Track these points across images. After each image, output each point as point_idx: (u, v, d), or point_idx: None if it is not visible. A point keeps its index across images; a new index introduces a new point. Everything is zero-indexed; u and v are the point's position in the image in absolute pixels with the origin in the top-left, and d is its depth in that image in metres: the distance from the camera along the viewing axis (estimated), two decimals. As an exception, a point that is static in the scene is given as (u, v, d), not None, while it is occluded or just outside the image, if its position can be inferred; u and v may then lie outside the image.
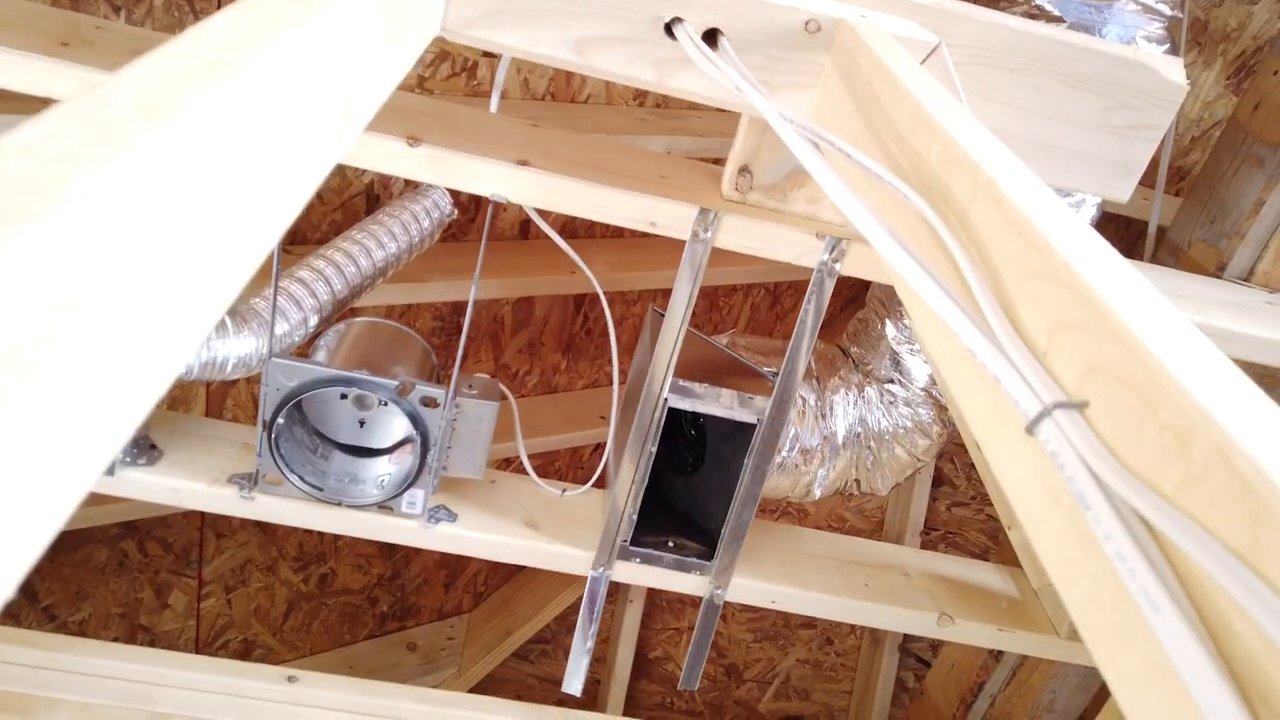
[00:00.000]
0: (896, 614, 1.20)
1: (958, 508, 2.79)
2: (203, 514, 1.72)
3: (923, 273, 0.41)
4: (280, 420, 1.04)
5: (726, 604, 1.21)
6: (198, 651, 1.91)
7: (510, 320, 1.89)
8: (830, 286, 0.97)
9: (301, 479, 1.08)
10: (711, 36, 0.77)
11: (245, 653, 1.98)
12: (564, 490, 1.25)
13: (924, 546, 2.46)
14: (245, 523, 1.80)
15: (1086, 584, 0.29)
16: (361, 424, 1.15)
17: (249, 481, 1.10)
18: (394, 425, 1.16)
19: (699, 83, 0.78)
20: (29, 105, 1.15)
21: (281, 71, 0.37)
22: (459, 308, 1.80)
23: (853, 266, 0.96)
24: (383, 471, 1.14)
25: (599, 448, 2.31)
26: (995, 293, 0.39)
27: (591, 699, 2.44)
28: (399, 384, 1.04)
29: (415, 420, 1.05)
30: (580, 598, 2.36)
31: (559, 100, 1.67)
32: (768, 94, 0.66)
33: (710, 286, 2.12)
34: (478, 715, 1.28)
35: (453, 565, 2.22)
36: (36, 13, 0.93)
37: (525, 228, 1.78)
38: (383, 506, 1.11)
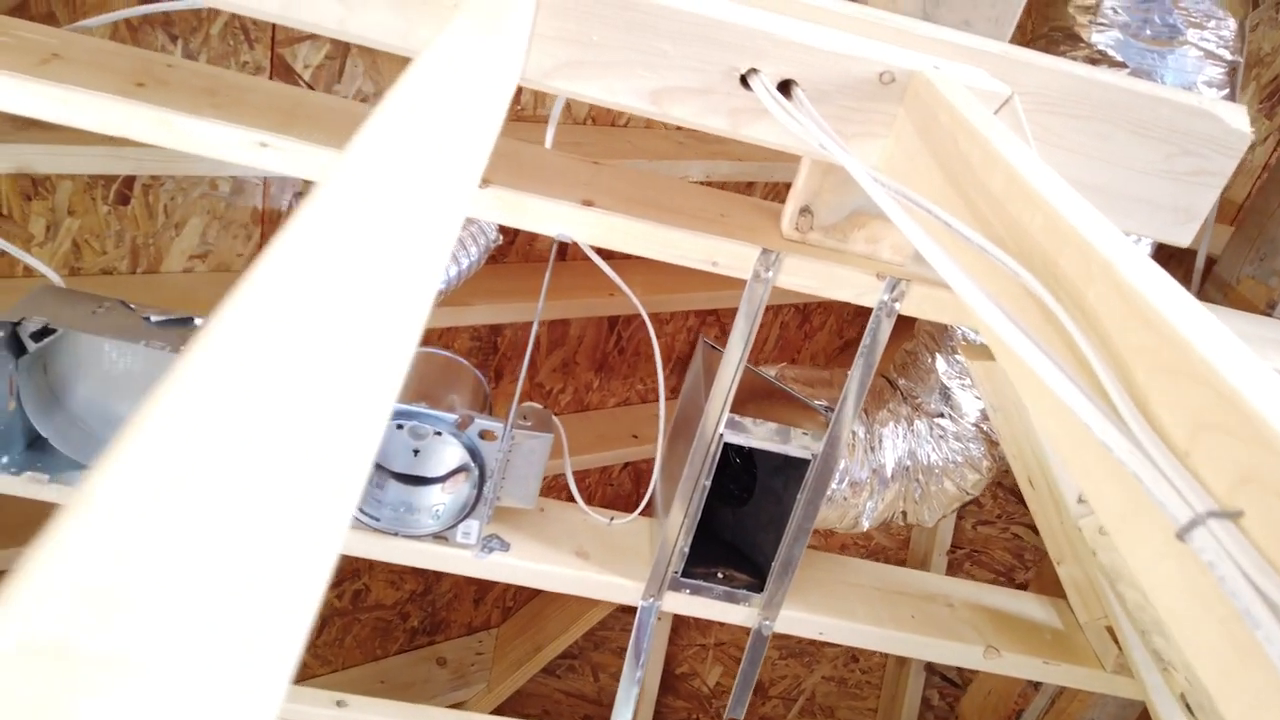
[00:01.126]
0: (943, 646, 1.20)
1: (983, 526, 2.79)
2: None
3: (1046, 358, 0.42)
4: (339, 451, 1.05)
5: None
6: (233, 666, 1.92)
7: (546, 340, 1.90)
8: (889, 326, 0.98)
9: (360, 509, 1.09)
10: (785, 87, 0.78)
11: (279, 668, 2.00)
12: (611, 519, 1.26)
13: (950, 565, 2.46)
14: (283, 540, 1.81)
15: (1250, 698, 0.29)
16: (416, 453, 1.17)
17: (306, 510, 1.11)
18: (447, 454, 1.17)
19: (772, 132, 0.79)
20: (108, 144, 1.17)
21: (416, 147, 0.38)
22: (496, 329, 1.82)
23: (913, 307, 0.97)
24: (437, 501, 1.15)
25: (627, 466, 2.32)
26: (1125, 384, 0.39)
27: (618, 715, 2.44)
28: (458, 418, 1.05)
29: (473, 453, 1.06)
30: (609, 615, 2.36)
31: (599, 124, 1.68)
32: (850, 150, 0.66)
33: (743, 306, 2.13)
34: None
35: (482, 581, 2.23)
36: (109, 50, 0.94)
37: (563, 250, 1.79)
38: (438, 537, 1.13)
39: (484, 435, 1.06)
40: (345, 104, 0.99)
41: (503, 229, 1.42)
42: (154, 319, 1.02)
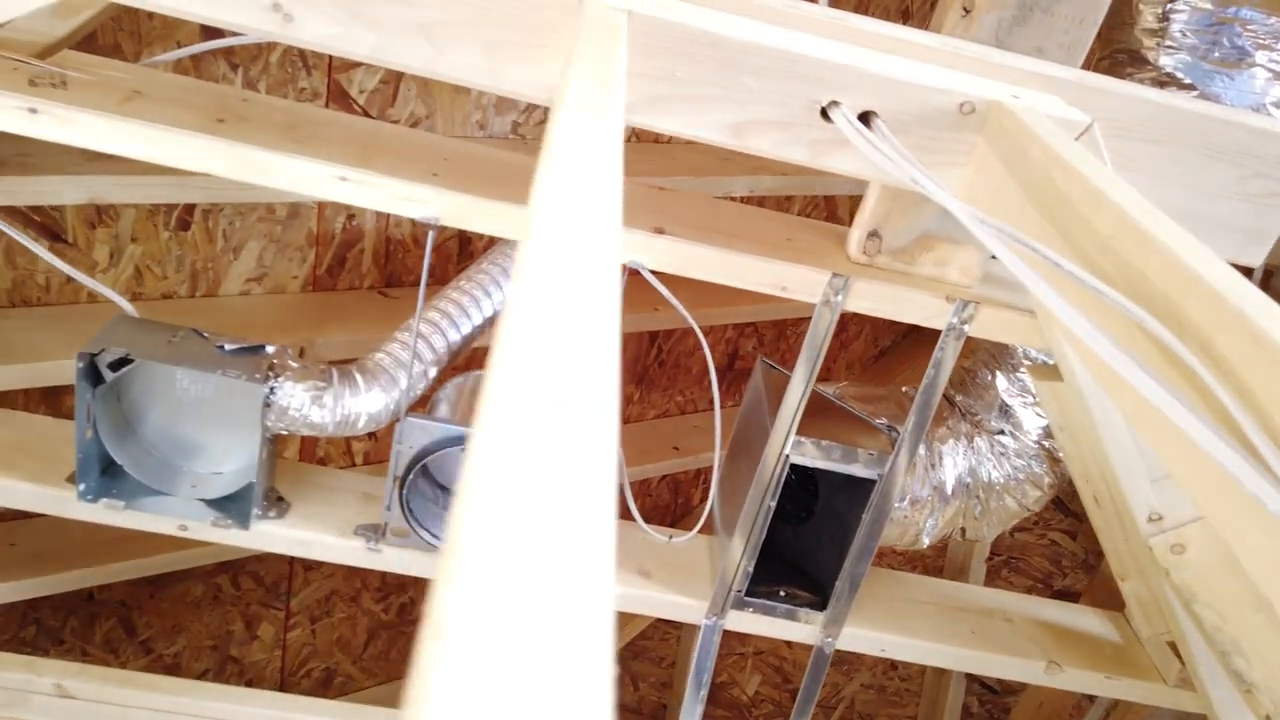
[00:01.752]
0: (1004, 662, 1.21)
1: (1021, 533, 2.78)
2: (293, 548, 1.75)
3: (1181, 407, 0.43)
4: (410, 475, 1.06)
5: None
6: (282, 681, 1.94)
7: (588, 354, 1.91)
8: (958, 348, 0.99)
9: (430, 532, 1.10)
10: (865, 118, 0.78)
11: (327, 681, 2.02)
12: (670, 537, 1.26)
13: (989, 573, 2.46)
14: (332, 556, 1.83)
15: None
16: (479, 475, 1.18)
17: (376, 534, 1.12)
18: (510, 475, 1.18)
19: (852, 163, 0.80)
20: (174, 173, 1.19)
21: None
22: (540, 343, 1.83)
23: (981, 329, 0.98)
24: (501, 522, 1.16)
25: (665, 477, 2.33)
26: (1273, 436, 0.40)
27: (659, 725, 2.45)
28: (527, 441, 1.06)
29: (541, 476, 1.07)
30: (649, 625, 2.37)
31: (643, 140, 1.69)
32: (940, 183, 0.67)
33: (780, 320, 2.14)
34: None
35: (524, 593, 2.24)
36: (187, 87, 0.96)
37: (606, 265, 1.80)
38: (503, 557, 1.14)
39: (551, 458, 1.07)
40: (417, 135, 1.00)
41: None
42: (228, 347, 1.04)
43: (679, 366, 2.07)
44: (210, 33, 1.20)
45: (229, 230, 1.35)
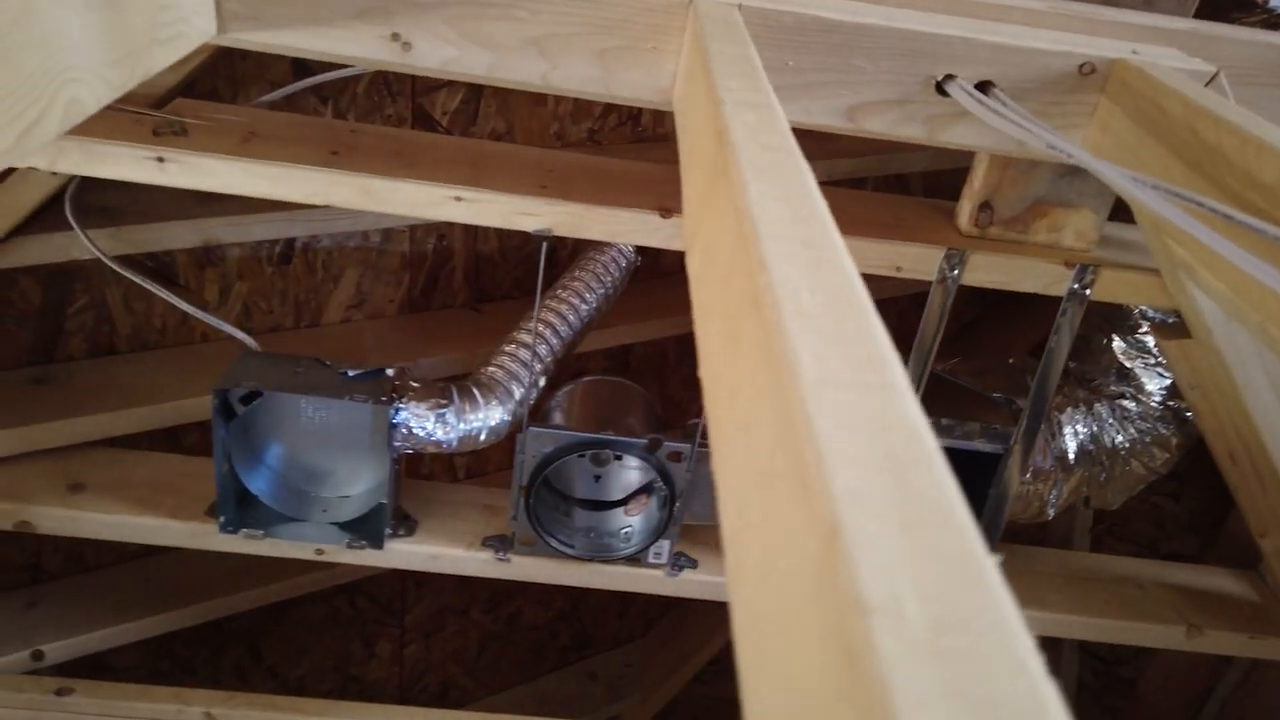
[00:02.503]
0: (1143, 629, 1.18)
1: (1119, 499, 2.71)
2: (404, 566, 1.79)
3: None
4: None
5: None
6: (400, 697, 1.98)
7: (673, 354, 1.92)
8: (1080, 314, 0.97)
9: (556, 538, 1.12)
10: (982, 89, 0.78)
11: (443, 694, 2.05)
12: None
13: (1092, 542, 2.41)
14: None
15: None
16: (596, 479, 1.19)
17: (504, 544, 1.14)
18: (627, 477, 1.19)
19: (971, 134, 0.79)
20: (281, 209, 1.22)
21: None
22: (626, 348, 1.84)
23: (1104, 291, 0.96)
24: (623, 524, 1.17)
25: (756, 468, 2.32)
26: None
27: (768, 717, 2.45)
28: (647, 441, 1.07)
29: (664, 474, 1.08)
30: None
31: (715, 135, 1.69)
32: (1083, 150, 0.66)
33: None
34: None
35: (625, 595, 2.25)
36: (298, 123, 0.99)
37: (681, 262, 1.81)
38: (630, 559, 1.15)
39: (671, 456, 1.08)
40: (520, 151, 1.02)
41: (638, 249, 1.44)
42: (350, 373, 1.07)
43: (763, 358, 2.06)
44: (301, 71, 1.24)
45: (327, 261, 1.39)
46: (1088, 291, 0.96)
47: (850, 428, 0.24)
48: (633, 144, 1.61)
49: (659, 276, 1.80)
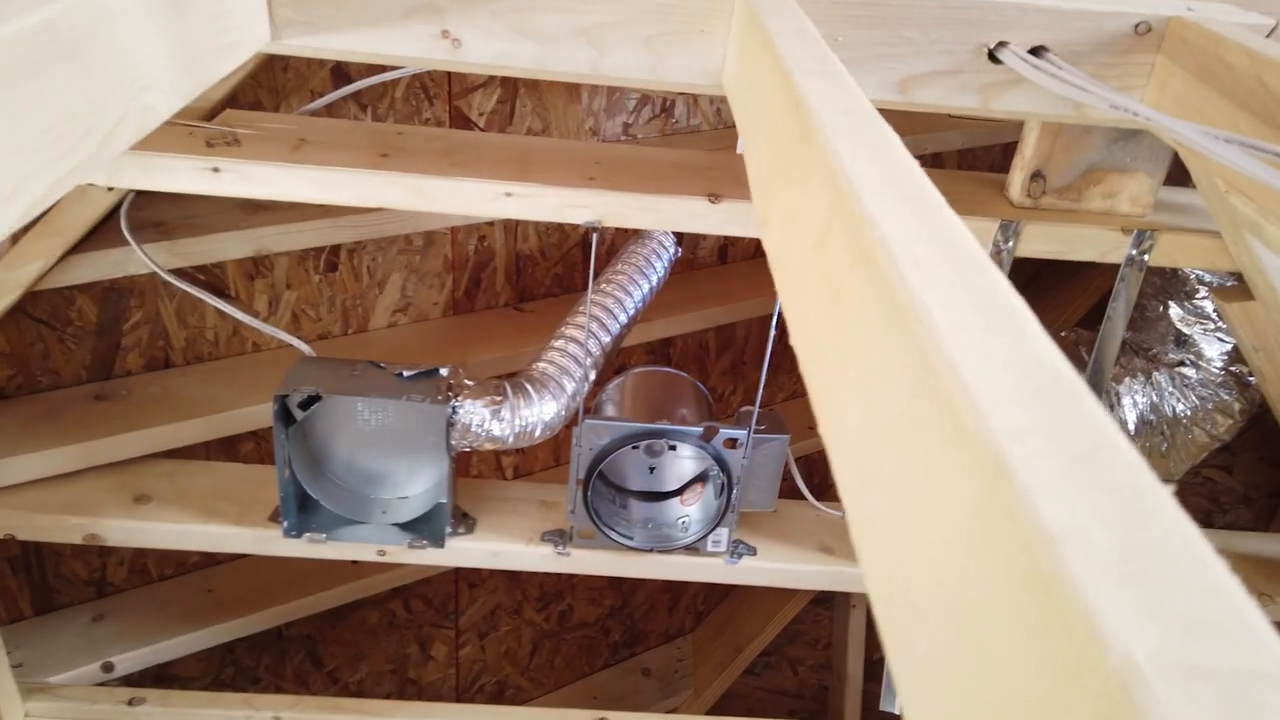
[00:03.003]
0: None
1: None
2: (457, 569, 1.80)
3: None
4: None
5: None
6: (458, 698, 2.00)
7: (714, 344, 1.92)
8: (1138, 280, 0.96)
9: (615, 530, 1.12)
10: (1035, 54, 0.77)
11: (499, 694, 2.06)
12: (845, 512, 1.26)
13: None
14: (493, 571, 1.88)
15: None
16: (651, 470, 1.19)
17: (563, 538, 1.15)
18: (681, 467, 1.19)
19: (1026, 101, 0.78)
20: (326, 216, 1.23)
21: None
22: (668, 340, 1.84)
23: (1163, 256, 0.95)
24: (680, 514, 1.17)
25: (800, 458, 2.31)
26: None
27: (823, 706, 2.44)
28: (703, 429, 1.07)
29: (720, 463, 1.08)
30: (802, 610, 2.36)
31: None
32: (1142, 105, 0.65)
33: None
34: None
35: (675, 589, 2.26)
36: (346, 129, 1.00)
37: (724, 252, 1.81)
38: (688, 548, 1.15)
39: (727, 444, 1.08)
40: (564, 145, 1.02)
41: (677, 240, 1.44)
42: (406, 374, 1.08)
43: (803, 346, 2.05)
44: (340, 79, 1.25)
45: (372, 266, 1.40)
46: (1146, 257, 0.94)
47: (995, 370, 0.23)
48: (667, 137, 1.61)
49: (696, 268, 1.80)
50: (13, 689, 1.19)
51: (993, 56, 0.77)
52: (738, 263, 1.84)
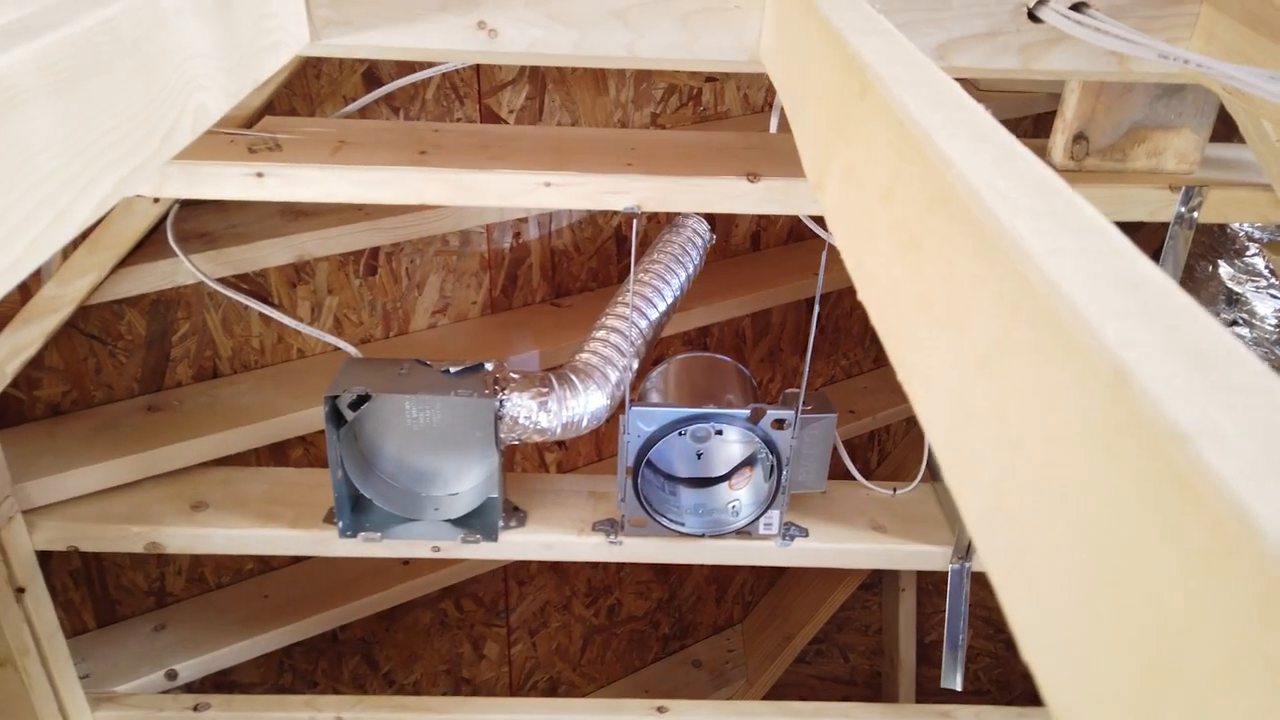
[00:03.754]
0: None
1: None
2: (505, 566, 1.81)
3: None
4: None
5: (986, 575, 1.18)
6: (512, 695, 2.01)
7: (750, 332, 1.91)
8: (1188, 240, 0.94)
9: (667, 518, 1.12)
10: (1076, 10, 0.76)
11: (552, 690, 2.07)
12: (895, 490, 1.25)
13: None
14: (541, 567, 1.88)
15: None
16: (698, 456, 1.19)
17: (614, 527, 1.15)
18: (728, 452, 1.19)
19: (1068, 59, 0.77)
20: (364, 219, 1.25)
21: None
22: (704, 329, 1.84)
23: (1213, 212, 0.93)
24: (729, 498, 1.17)
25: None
26: None
27: (877, 692, 2.42)
28: (751, 411, 1.06)
29: (769, 444, 1.08)
30: (850, 596, 2.34)
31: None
32: (1197, 55, 0.64)
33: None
34: (841, 722, 1.29)
35: (721, 579, 2.25)
36: (383, 129, 1.01)
37: (756, 239, 1.80)
38: (740, 532, 1.15)
39: (775, 425, 1.08)
40: (600, 133, 1.02)
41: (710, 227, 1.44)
42: (452, 370, 1.08)
43: (839, 330, 2.04)
44: (371, 82, 1.26)
45: (411, 268, 1.41)
46: (1195, 214, 0.93)
47: (1099, 286, 0.23)
48: (696, 124, 1.61)
49: (730, 256, 1.80)
50: (81, 699, 1.22)
51: (1032, 16, 0.76)
52: (771, 248, 1.83)
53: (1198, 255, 1.14)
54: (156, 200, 1.06)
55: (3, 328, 1.04)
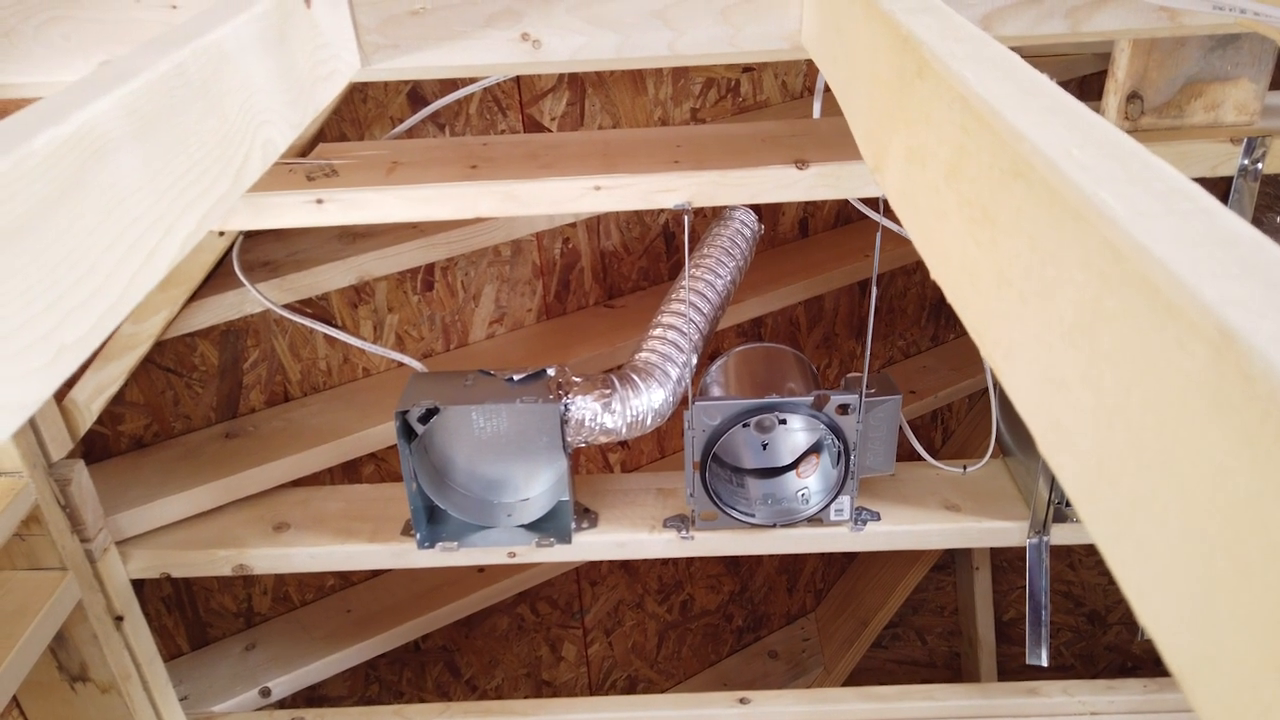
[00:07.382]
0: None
1: None
2: (577, 568, 1.83)
3: None
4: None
5: (1073, 549, 1.15)
6: (592, 695, 2.02)
7: (804, 319, 1.90)
8: (1254, 193, 0.92)
9: (737, 510, 1.13)
10: (1122, -31, 0.74)
11: (630, 688, 2.09)
12: (965, 467, 1.24)
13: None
14: (612, 567, 1.90)
15: None
16: (764, 446, 1.19)
17: (685, 523, 1.16)
18: (793, 440, 1.19)
19: (1118, 18, 0.76)
20: (419, 236, 1.27)
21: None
22: (758, 320, 1.83)
23: (1278, 163, 0.91)
24: (798, 487, 1.17)
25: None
26: None
27: (957, 673, 2.40)
28: (814, 398, 1.06)
29: (835, 430, 1.08)
30: (923, 578, 2.32)
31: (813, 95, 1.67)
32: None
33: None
34: (926, 705, 1.28)
35: (791, 569, 2.25)
36: (434, 146, 1.02)
37: (804, 225, 1.79)
38: (811, 520, 1.14)
39: (840, 410, 1.07)
40: (643, 133, 1.03)
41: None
42: (515, 378, 1.10)
43: (894, 310, 2.02)
44: (416, 102, 1.28)
45: (466, 281, 1.43)
46: (1260, 165, 0.90)
47: (1191, 247, 0.23)
48: (736, 115, 1.61)
49: (778, 245, 1.79)
50: None
51: (1078, -22, 0.75)
52: (819, 234, 1.82)
53: (1264, 207, 1.11)
54: (221, 234, 1.09)
55: (86, 368, 1.08)
